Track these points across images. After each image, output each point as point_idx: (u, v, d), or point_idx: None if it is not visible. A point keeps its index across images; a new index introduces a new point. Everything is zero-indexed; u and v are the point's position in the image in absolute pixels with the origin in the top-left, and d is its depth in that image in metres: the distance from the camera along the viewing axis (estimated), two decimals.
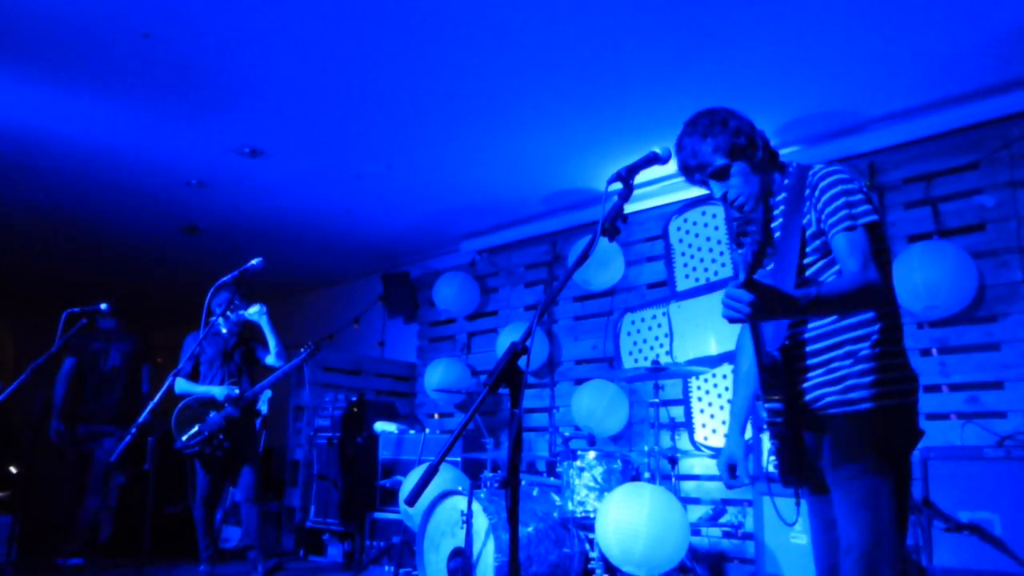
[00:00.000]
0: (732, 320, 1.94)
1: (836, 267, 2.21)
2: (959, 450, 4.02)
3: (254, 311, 5.17)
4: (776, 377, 2.23)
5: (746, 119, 2.45)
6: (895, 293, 2.27)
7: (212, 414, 5.13)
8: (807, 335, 2.27)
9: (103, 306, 4.62)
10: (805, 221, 2.27)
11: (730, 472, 2.48)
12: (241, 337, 5.51)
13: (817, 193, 2.24)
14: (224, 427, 5.11)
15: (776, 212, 2.41)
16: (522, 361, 2.12)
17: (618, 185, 2.33)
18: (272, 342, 5.34)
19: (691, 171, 2.45)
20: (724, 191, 2.41)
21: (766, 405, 2.26)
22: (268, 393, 5.37)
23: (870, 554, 2.05)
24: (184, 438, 5.10)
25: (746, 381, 2.57)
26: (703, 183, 2.45)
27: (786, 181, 2.42)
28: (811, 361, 2.24)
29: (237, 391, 5.24)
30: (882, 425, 2.11)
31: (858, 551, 2.07)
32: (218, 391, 5.21)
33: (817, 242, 2.24)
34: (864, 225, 2.14)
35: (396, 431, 6.48)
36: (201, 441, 5.07)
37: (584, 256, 2.32)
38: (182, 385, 5.22)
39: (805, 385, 2.25)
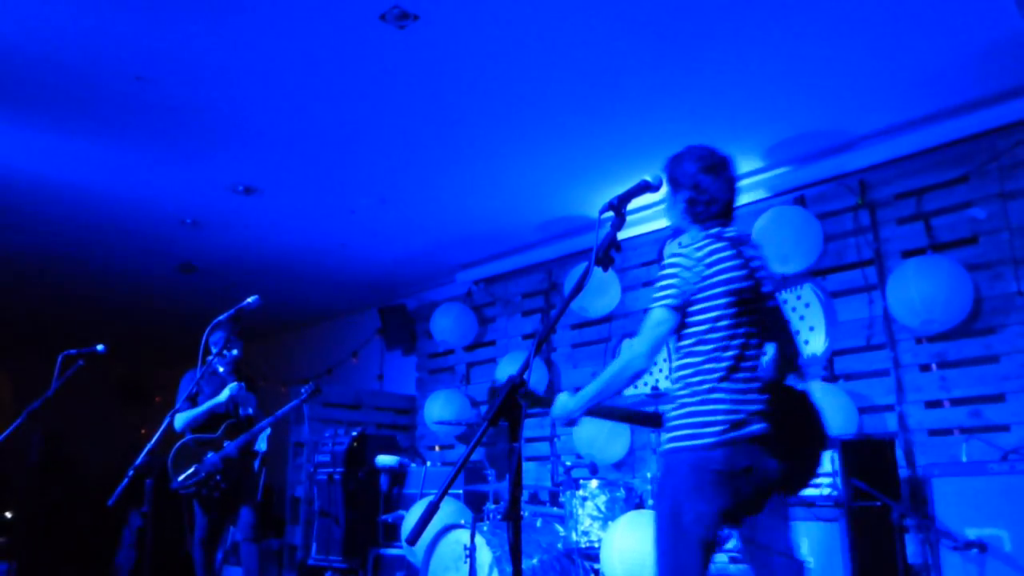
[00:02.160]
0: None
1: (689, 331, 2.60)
2: (963, 466, 3.99)
3: (225, 394, 5.13)
4: None
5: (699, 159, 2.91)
6: (694, 350, 2.57)
7: (209, 454, 5.07)
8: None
9: (100, 348, 4.59)
10: None
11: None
12: (239, 374, 5.48)
13: None
14: (221, 468, 5.06)
15: None
16: (521, 394, 2.12)
17: (611, 214, 2.36)
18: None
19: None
20: None
21: None
22: (267, 431, 5.31)
23: None
24: (180, 478, 5.04)
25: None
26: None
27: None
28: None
29: (237, 387, 5.15)
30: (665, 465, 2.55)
31: None
32: (223, 394, 5.13)
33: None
34: (654, 308, 2.58)
35: (397, 464, 6.43)
36: (197, 482, 5.01)
37: (579, 286, 2.33)
38: (182, 418, 5.13)
39: None
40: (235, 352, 5.27)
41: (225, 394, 5.11)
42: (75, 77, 4.08)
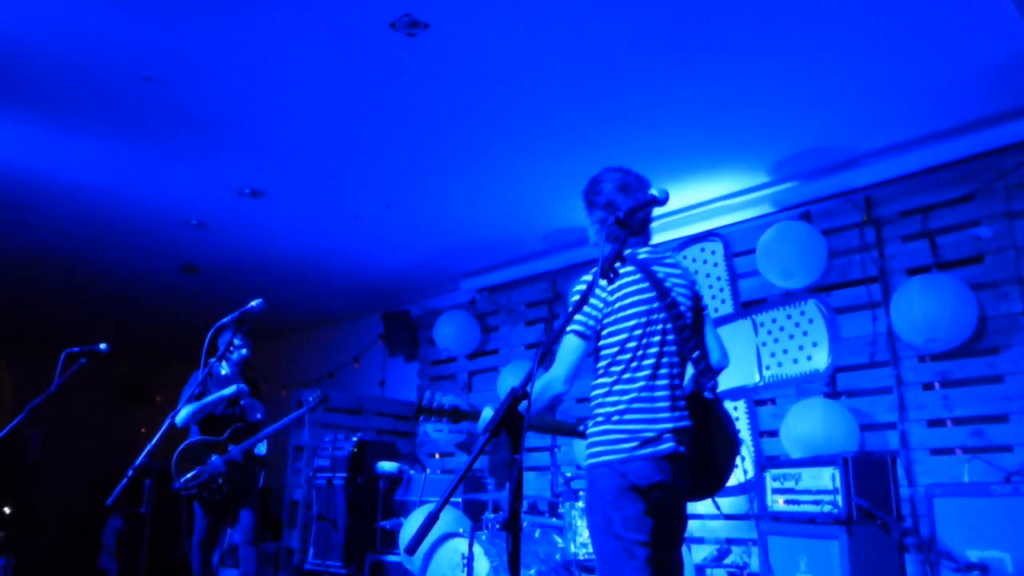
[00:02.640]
0: None
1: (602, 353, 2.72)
2: (966, 487, 3.97)
3: (232, 388, 5.15)
4: None
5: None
6: (608, 371, 2.69)
7: (213, 457, 5.07)
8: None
9: (102, 346, 4.59)
10: None
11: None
12: (244, 375, 5.47)
13: None
14: (224, 471, 5.05)
15: None
16: (522, 406, 2.12)
17: (616, 229, 2.36)
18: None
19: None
20: None
21: None
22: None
23: None
24: (183, 479, 5.04)
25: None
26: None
27: None
28: None
29: (246, 388, 5.17)
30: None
31: None
32: (230, 388, 5.13)
33: None
34: (566, 334, 2.69)
35: (397, 471, 6.42)
36: (200, 484, 5.01)
37: (583, 300, 2.33)
38: (184, 412, 5.09)
39: None
40: (244, 352, 5.29)
41: (231, 388, 5.11)
42: (84, 77, 4.10)
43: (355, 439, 6.69)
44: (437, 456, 7.70)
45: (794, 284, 5.16)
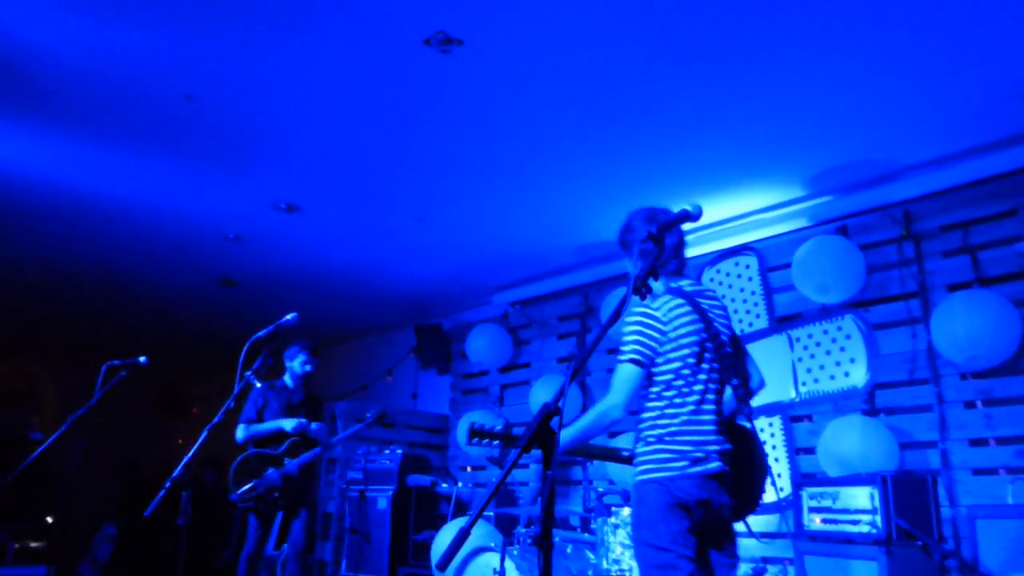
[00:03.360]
0: None
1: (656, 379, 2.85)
2: (1009, 508, 3.87)
3: (291, 424, 5.22)
4: None
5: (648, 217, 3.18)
6: (661, 395, 2.84)
7: (270, 470, 5.13)
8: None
9: (142, 359, 4.68)
10: None
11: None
12: (307, 391, 5.54)
13: None
14: (280, 485, 5.10)
15: None
16: (555, 422, 2.11)
17: (650, 245, 2.35)
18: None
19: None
20: None
21: None
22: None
23: None
24: (240, 491, 5.09)
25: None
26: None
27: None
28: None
29: (306, 423, 5.23)
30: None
31: None
32: (287, 423, 5.19)
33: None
34: (621, 364, 2.83)
35: (429, 484, 6.43)
36: (256, 496, 5.06)
37: (616, 315, 2.32)
38: (244, 431, 5.19)
39: None
40: (309, 368, 5.39)
41: (291, 424, 5.18)
42: (127, 94, 4.20)
43: (400, 452, 6.71)
44: (469, 469, 7.70)
45: (831, 299, 5.08)
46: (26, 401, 10.20)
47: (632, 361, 2.80)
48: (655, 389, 2.85)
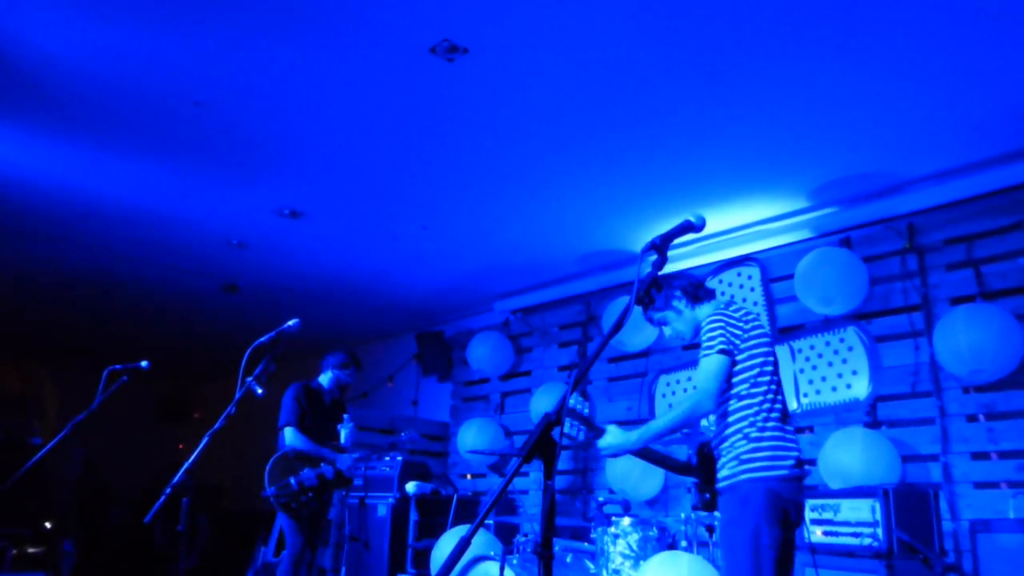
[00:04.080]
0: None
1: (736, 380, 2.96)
2: (1010, 523, 3.85)
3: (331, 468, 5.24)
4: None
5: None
6: (751, 392, 2.92)
7: (306, 470, 5.13)
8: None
9: (143, 364, 4.67)
10: None
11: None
12: (340, 395, 5.56)
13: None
14: (316, 485, 5.11)
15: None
16: (556, 432, 2.11)
17: (653, 254, 2.35)
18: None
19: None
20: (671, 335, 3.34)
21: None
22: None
23: None
24: (272, 488, 5.09)
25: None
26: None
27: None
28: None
29: (340, 470, 5.22)
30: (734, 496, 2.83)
31: None
32: (346, 460, 5.20)
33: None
34: (708, 356, 2.92)
35: (429, 491, 6.42)
36: (289, 494, 5.06)
37: (618, 325, 2.32)
38: (296, 438, 5.18)
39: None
40: (349, 380, 5.42)
41: (347, 461, 5.20)
42: (135, 99, 4.21)
43: (400, 459, 6.69)
44: (469, 477, 7.69)
45: (833, 311, 5.08)
46: (27, 405, 10.20)
47: (721, 352, 2.89)
48: (742, 387, 2.91)
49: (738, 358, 2.92)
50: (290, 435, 5.17)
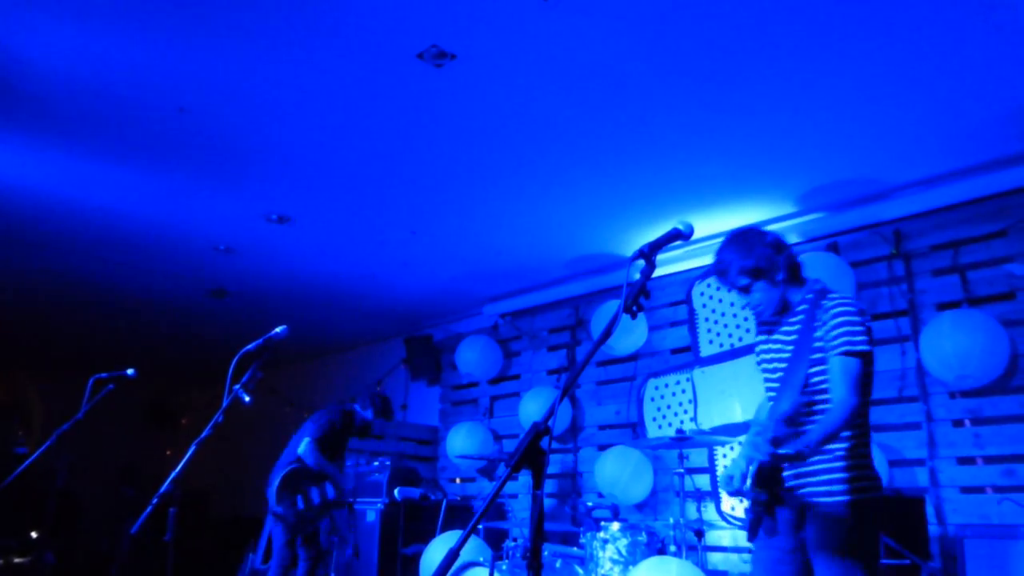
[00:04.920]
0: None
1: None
2: (995, 528, 3.88)
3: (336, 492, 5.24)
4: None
5: (773, 241, 2.86)
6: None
7: (313, 489, 5.16)
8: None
9: (130, 372, 4.64)
10: (817, 342, 2.68)
11: (730, 483, 2.76)
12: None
13: (828, 318, 2.67)
14: (318, 504, 5.14)
15: (792, 327, 2.82)
16: (544, 441, 2.10)
17: (641, 261, 2.35)
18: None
19: (722, 277, 2.91)
20: (747, 302, 2.89)
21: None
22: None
23: None
24: (281, 506, 5.12)
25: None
26: (732, 290, 2.92)
27: (807, 298, 2.81)
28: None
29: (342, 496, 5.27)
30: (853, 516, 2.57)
31: None
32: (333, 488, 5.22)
33: (822, 359, 2.67)
34: (856, 353, 2.58)
35: (418, 496, 6.40)
36: (296, 512, 5.12)
37: (607, 333, 2.31)
38: (312, 454, 5.20)
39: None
40: (367, 418, 5.43)
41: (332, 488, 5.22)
42: (119, 106, 4.18)
43: (388, 464, 6.68)
44: (458, 481, 7.67)
45: None
46: (12, 414, 10.09)
47: (866, 351, 2.60)
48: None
49: None
50: (305, 447, 5.19)
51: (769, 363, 2.89)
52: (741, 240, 2.85)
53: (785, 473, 2.67)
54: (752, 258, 2.79)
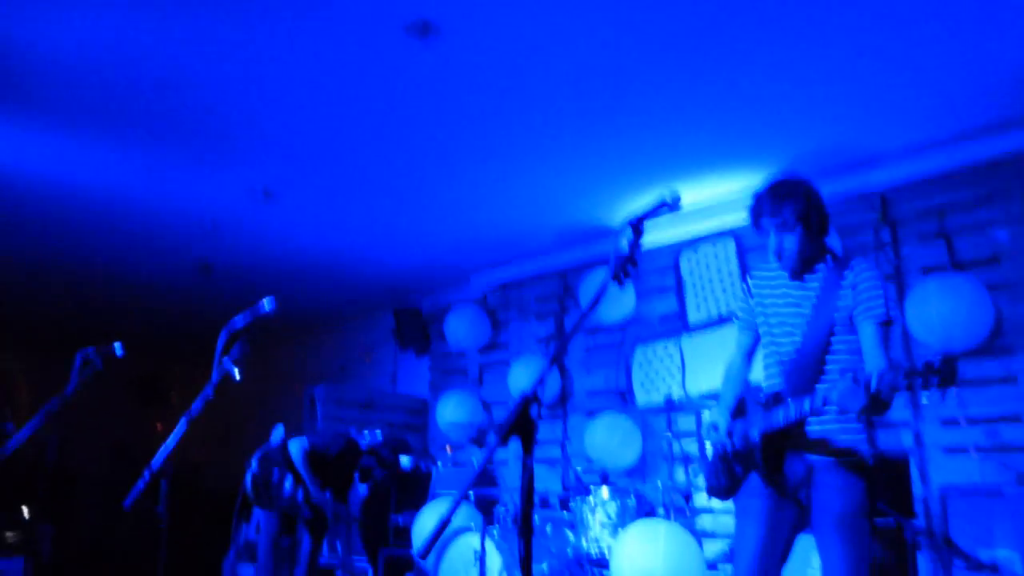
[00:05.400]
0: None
1: (854, 342, 2.63)
2: (978, 488, 3.96)
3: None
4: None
5: (820, 196, 2.80)
6: None
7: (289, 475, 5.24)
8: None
9: (117, 347, 4.61)
10: (841, 304, 2.65)
11: (714, 429, 2.85)
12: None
13: (860, 280, 2.66)
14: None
15: (810, 284, 2.78)
16: (533, 409, 2.12)
17: (628, 232, 2.36)
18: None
19: (760, 216, 2.79)
20: (779, 246, 2.76)
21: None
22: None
23: None
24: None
25: (734, 386, 2.98)
26: (766, 231, 2.79)
27: (828, 259, 2.80)
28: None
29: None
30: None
31: None
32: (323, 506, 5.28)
33: (846, 323, 2.64)
34: (891, 322, 2.60)
35: (409, 466, 6.45)
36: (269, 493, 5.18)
37: (595, 302, 2.33)
38: (297, 452, 5.23)
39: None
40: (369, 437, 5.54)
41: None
42: (99, 83, 4.12)
43: (379, 434, 6.72)
44: (449, 450, 7.72)
45: None
46: None
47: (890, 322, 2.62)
48: (855, 359, 2.66)
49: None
50: (293, 448, 5.23)
51: (778, 315, 2.83)
52: (795, 184, 2.77)
53: (803, 430, 2.64)
54: (804, 203, 2.71)
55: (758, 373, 2.96)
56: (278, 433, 5.36)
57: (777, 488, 2.68)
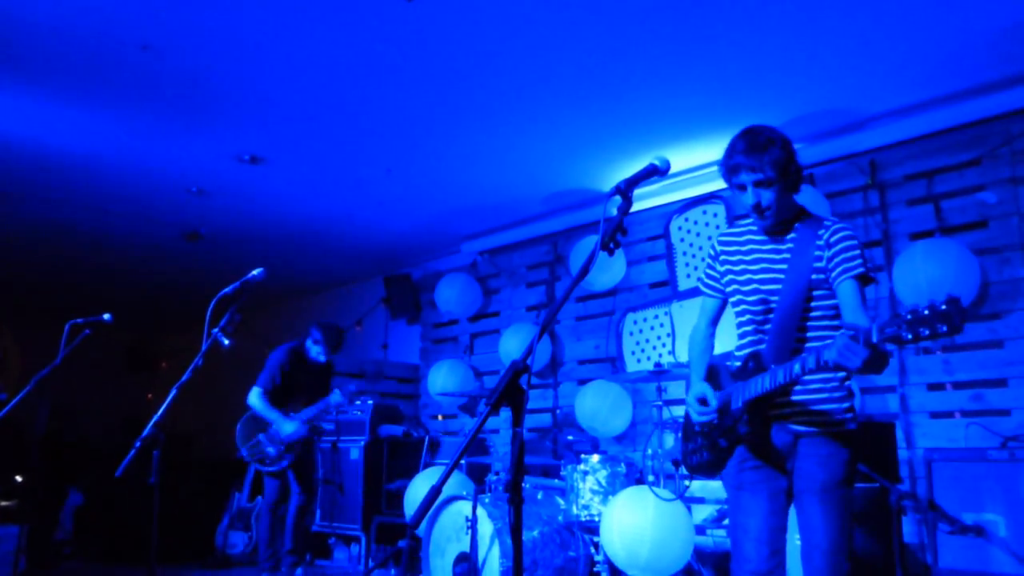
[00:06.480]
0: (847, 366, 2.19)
1: (832, 304, 2.54)
2: (963, 452, 4.01)
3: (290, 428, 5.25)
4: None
5: (793, 149, 2.62)
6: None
7: (271, 429, 5.24)
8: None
9: (106, 317, 4.61)
10: (816, 265, 2.53)
11: (700, 403, 2.69)
12: (327, 360, 5.59)
13: (835, 240, 2.53)
14: (284, 441, 5.23)
15: (784, 244, 2.65)
16: (524, 379, 2.12)
17: (618, 199, 2.34)
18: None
19: (737, 171, 2.60)
20: (757, 200, 2.58)
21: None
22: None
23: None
24: (245, 449, 5.21)
25: (703, 354, 2.94)
26: (740, 186, 2.62)
27: (802, 218, 2.66)
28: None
29: (306, 432, 5.28)
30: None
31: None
32: (288, 427, 5.23)
33: (823, 284, 2.54)
34: (867, 278, 2.49)
35: (401, 433, 6.49)
36: (261, 451, 5.20)
37: (585, 270, 2.32)
38: (257, 401, 5.26)
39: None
40: (322, 358, 5.45)
41: (290, 429, 5.22)
42: (82, 47, 4.05)
43: (370, 402, 6.75)
44: (440, 418, 7.77)
45: None
46: None
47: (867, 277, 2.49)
48: (835, 323, 2.55)
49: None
50: (252, 396, 5.24)
51: (751, 278, 2.68)
52: (771, 134, 2.56)
53: (787, 398, 2.54)
54: (783, 154, 2.52)
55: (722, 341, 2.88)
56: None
57: (766, 459, 2.60)
